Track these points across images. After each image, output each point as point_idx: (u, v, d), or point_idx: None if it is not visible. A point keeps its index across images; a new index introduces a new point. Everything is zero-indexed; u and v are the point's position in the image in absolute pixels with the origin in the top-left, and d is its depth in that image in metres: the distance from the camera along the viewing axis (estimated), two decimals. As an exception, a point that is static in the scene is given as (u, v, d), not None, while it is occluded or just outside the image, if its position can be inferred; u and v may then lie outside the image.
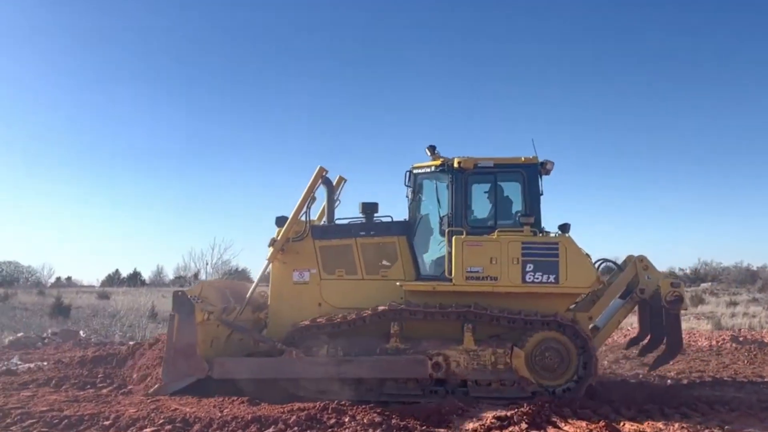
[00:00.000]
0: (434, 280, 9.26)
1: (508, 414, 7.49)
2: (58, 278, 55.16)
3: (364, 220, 9.83)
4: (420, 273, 9.50)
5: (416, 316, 8.89)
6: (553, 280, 8.85)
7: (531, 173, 9.37)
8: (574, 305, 9.66)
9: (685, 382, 10.63)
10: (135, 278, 44.89)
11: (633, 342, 10.69)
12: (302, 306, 9.36)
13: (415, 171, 9.78)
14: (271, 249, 9.46)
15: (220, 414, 7.27)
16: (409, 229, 9.67)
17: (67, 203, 79.69)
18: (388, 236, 9.61)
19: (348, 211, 10.36)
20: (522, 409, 7.58)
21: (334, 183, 10.61)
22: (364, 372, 8.70)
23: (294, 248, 9.56)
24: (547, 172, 9.65)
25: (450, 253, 9.02)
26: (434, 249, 9.71)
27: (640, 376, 11.13)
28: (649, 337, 9.76)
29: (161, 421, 6.97)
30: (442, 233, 9.39)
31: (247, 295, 9.56)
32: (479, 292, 8.96)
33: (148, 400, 8.12)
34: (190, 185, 77.00)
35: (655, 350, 9.63)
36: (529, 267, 8.88)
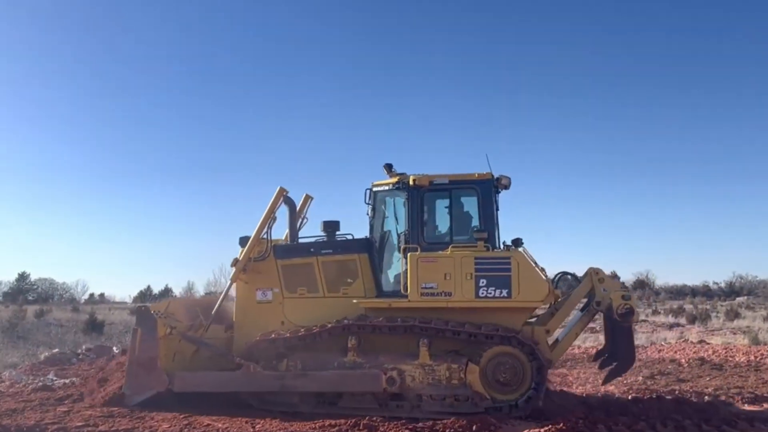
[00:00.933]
0: (395, 296, 9.39)
1: (542, 431, 7.50)
2: (92, 294, 57.02)
3: (325, 239, 10.05)
4: (382, 289, 9.65)
5: (364, 330, 9.05)
6: (505, 295, 8.88)
7: (485, 189, 9.45)
8: (535, 318, 9.68)
9: (723, 398, 10.40)
10: (166, 294, 46.02)
11: (599, 355, 10.60)
12: (266, 324, 9.59)
13: (374, 189, 9.95)
14: (233, 269, 9.75)
15: (252, 430, 7.44)
16: (369, 247, 9.83)
17: (99, 220, 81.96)
18: (349, 254, 9.78)
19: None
20: (556, 425, 7.51)
21: (301, 201, 10.88)
22: (319, 386, 8.89)
23: (257, 268, 9.82)
24: (504, 187, 9.71)
25: (406, 270, 9.15)
26: (396, 266, 9.83)
27: (677, 392, 10.86)
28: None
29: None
30: (400, 250, 9.53)
31: (212, 312, 9.84)
32: (434, 308, 9.05)
33: (181, 416, 8.23)
34: (221, 200, 78.51)
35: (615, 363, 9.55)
36: (482, 282, 8.94)
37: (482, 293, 8.93)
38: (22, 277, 55.66)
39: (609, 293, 9.04)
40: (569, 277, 9.86)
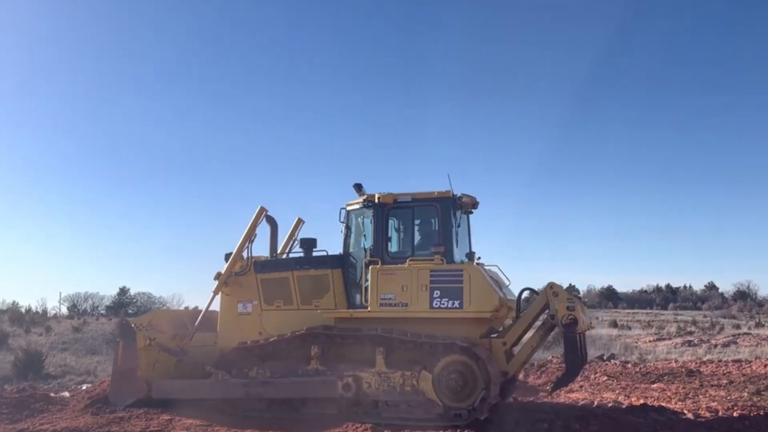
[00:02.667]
0: (363, 308, 9.95)
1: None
2: (186, 307, 59.44)
3: (303, 255, 10.78)
4: (354, 302, 10.22)
5: (319, 339, 9.65)
6: (457, 306, 9.26)
7: (444, 206, 9.94)
8: (501, 329, 9.96)
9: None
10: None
11: None
12: (245, 335, 10.34)
13: (347, 208, 10.63)
14: (216, 282, 10.62)
15: None
16: (342, 263, 10.45)
17: (195, 235, 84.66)
18: (323, 269, 10.43)
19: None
20: None
21: (294, 224, 11.70)
22: (280, 392, 9.52)
23: (239, 282, 10.65)
24: (466, 206, 10.22)
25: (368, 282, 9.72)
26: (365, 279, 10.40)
27: None
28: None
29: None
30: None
31: (196, 323, 10.70)
32: (392, 318, 9.54)
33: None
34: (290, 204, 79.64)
35: (572, 380, 9.73)
36: (437, 293, 9.36)
37: (436, 304, 9.35)
38: (123, 291, 58.97)
39: (555, 305, 9.24)
40: (531, 291, 10.05)
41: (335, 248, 10.62)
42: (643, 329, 35.18)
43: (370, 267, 9.70)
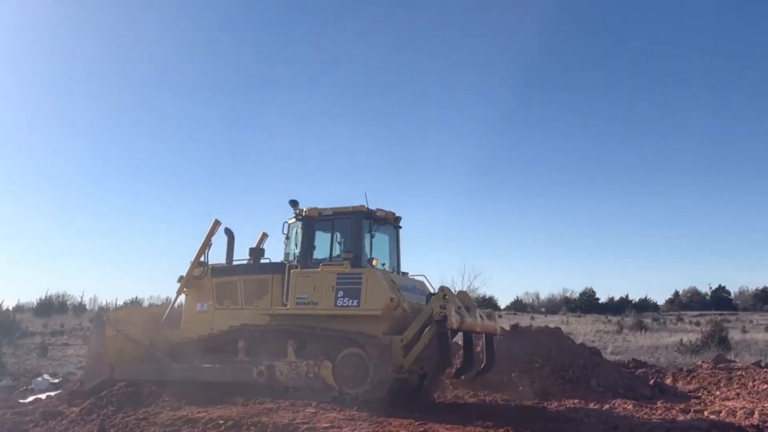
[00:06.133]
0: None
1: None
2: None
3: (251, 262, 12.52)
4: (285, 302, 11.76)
5: (244, 334, 11.27)
6: (356, 304, 10.58)
7: (357, 219, 11.37)
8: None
9: None
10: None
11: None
12: (201, 330, 12.17)
13: (288, 222, 12.26)
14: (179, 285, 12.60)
15: None
16: (281, 268, 12.03)
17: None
18: (264, 274, 12.08)
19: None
20: None
21: (259, 238, 13.52)
22: (208, 377, 11.21)
23: (198, 284, 12.54)
24: (383, 220, 11.58)
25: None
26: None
27: None
28: (462, 359, 10.75)
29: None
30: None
31: (162, 319, 12.67)
32: (305, 315, 11.01)
33: (417, 423, 8.68)
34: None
35: (469, 371, 10.67)
36: (340, 293, 10.75)
37: (339, 302, 10.72)
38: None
39: (432, 305, 10.26)
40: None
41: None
42: (811, 334, 31.83)
43: (291, 271, 11.24)
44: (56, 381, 15.02)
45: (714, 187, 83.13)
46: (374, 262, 11.05)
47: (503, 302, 67.73)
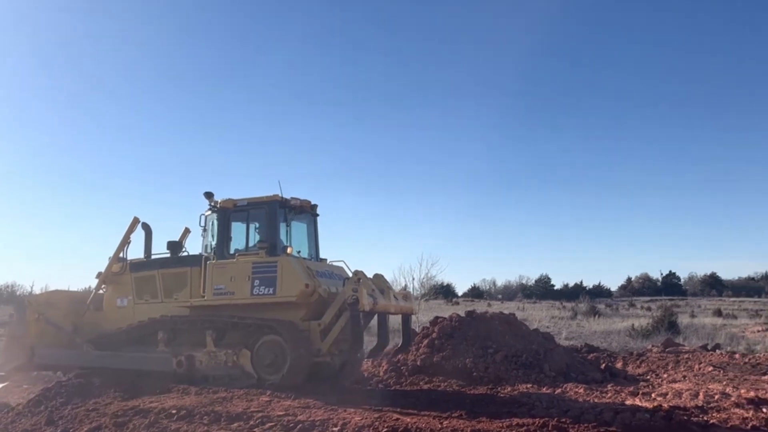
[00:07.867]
0: None
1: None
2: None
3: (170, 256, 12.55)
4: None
5: (164, 325, 11.39)
6: (271, 292, 10.79)
7: (271, 208, 11.51)
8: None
9: None
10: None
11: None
12: (122, 324, 12.16)
13: (205, 214, 12.33)
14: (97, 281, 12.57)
15: (440, 425, 7.78)
16: (199, 261, 12.09)
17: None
18: (182, 267, 12.13)
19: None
20: None
21: (182, 233, 13.55)
22: (126, 365, 11.35)
23: (117, 280, 12.52)
24: (299, 208, 11.77)
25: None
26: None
27: None
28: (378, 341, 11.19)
29: (385, 430, 7.58)
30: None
31: (88, 303, 12.70)
32: (222, 305, 11.16)
33: (371, 410, 8.69)
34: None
35: (382, 351, 11.10)
36: (257, 282, 10.93)
37: (256, 291, 10.91)
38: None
39: (344, 288, 10.60)
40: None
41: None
42: (751, 318, 33.66)
43: (207, 263, 11.36)
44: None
45: (668, 175, 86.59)
46: (289, 250, 11.28)
47: (461, 289, 69.09)
